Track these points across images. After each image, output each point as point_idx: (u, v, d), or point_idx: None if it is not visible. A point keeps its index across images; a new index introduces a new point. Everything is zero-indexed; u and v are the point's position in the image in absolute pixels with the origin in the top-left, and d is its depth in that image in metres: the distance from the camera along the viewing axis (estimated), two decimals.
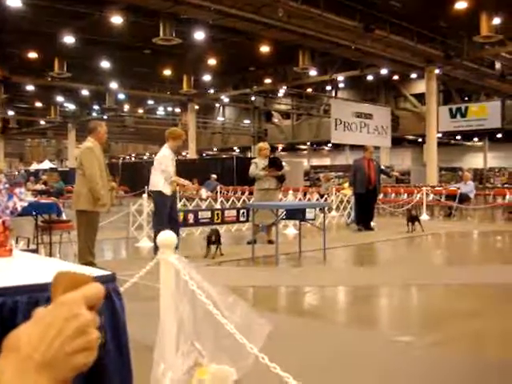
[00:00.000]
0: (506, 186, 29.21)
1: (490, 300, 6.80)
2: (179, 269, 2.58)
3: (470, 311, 6.11)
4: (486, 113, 32.74)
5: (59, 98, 43.17)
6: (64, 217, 10.24)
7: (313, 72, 32.29)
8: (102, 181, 7.85)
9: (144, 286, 4.93)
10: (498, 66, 31.12)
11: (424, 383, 3.95)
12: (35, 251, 9.04)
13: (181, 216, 11.27)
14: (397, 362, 4.41)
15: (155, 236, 9.59)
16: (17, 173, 43.88)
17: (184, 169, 26.76)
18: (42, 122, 51.12)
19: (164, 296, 2.69)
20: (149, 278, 3.41)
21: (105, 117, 47.22)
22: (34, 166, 48.69)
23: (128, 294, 3.25)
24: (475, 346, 5.08)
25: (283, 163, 12.14)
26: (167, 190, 9.44)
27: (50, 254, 9.45)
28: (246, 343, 2.35)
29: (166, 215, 9.54)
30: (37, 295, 1.84)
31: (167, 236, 2.71)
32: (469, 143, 48.75)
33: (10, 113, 48.11)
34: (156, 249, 9.23)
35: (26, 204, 2.75)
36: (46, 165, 47.48)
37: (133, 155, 65.48)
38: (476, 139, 47.00)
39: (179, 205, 15.80)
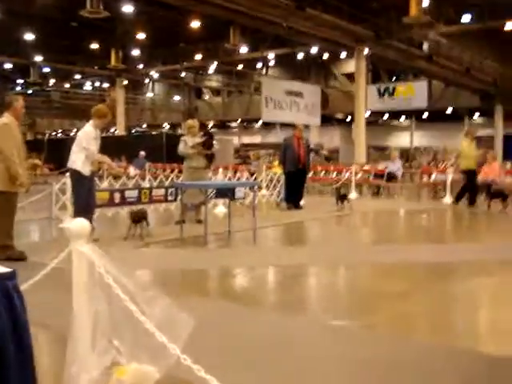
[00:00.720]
0: (431, 164, 29.81)
1: (418, 280, 6.80)
2: (93, 260, 2.35)
3: (399, 292, 6.07)
4: (413, 92, 33.38)
5: None
6: None
7: (244, 49, 32.02)
8: (19, 159, 7.41)
9: (64, 271, 4.64)
10: (425, 47, 31.53)
11: (360, 369, 3.84)
12: None
13: (105, 196, 10.94)
14: (333, 347, 4.29)
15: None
16: None
17: (112, 145, 26.19)
18: None
19: (77, 290, 2.44)
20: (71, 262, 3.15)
21: (29, 91, 45.67)
22: None
23: (47, 279, 2.99)
24: (406, 327, 5.03)
25: (214, 142, 11.91)
26: (86, 170, 9.00)
27: None
28: (166, 343, 2.15)
29: (84, 196, 9.11)
30: None
31: (79, 224, 2.45)
32: (396, 122, 49.58)
33: None
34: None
35: None
36: None
37: (59, 131, 63.68)
38: (403, 118, 47.83)
39: (105, 183, 15.39)
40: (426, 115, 43.40)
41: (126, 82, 42.17)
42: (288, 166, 14.74)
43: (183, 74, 44.50)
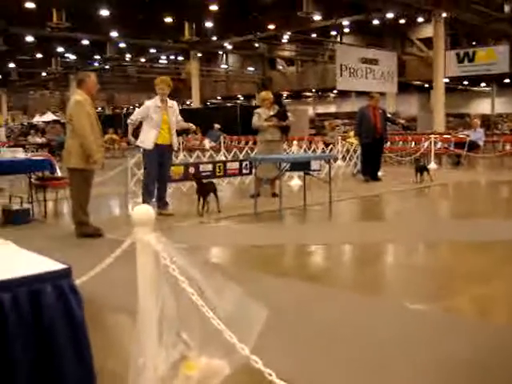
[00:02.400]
0: None
1: (504, 259, 6.41)
2: (158, 251, 2.20)
3: (483, 272, 5.71)
4: (494, 57, 31.95)
5: (60, 49, 42.33)
6: (59, 173, 9.87)
7: (317, 17, 31.41)
8: (93, 136, 7.41)
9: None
10: (507, 8, 30.15)
11: (440, 354, 3.60)
12: (28, 210, 8.75)
13: (180, 170, 10.92)
14: (410, 335, 4.05)
15: (142, 194, 9.36)
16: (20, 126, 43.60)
17: (187, 118, 26.24)
18: (44, 74, 50.35)
19: (142, 281, 2.30)
20: None
21: (106, 67, 46.45)
22: (37, 119, 47.93)
23: (125, 256, 2.85)
24: (488, 312, 4.73)
25: (288, 113, 11.68)
26: (146, 143, 9.08)
27: (45, 213, 9.13)
28: (235, 342, 1.98)
29: (151, 171, 9.19)
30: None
31: (143, 211, 2.30)
32: (476, 88, 47.89)
33: (11, 65, 47.28)
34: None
35: None
36: (49, 117, 46.72)
37: (136, 105, 64.71)
38: (483, 84, 46.14)
39: (180, 156, 15.41)
40: (507, 80, 41.69)
41: (200, 55, 42.28)
42: (364, 137, 14.35)
43: (257, 45, 44.23)
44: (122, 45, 41.13)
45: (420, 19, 34.78)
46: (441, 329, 4.15)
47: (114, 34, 37.27)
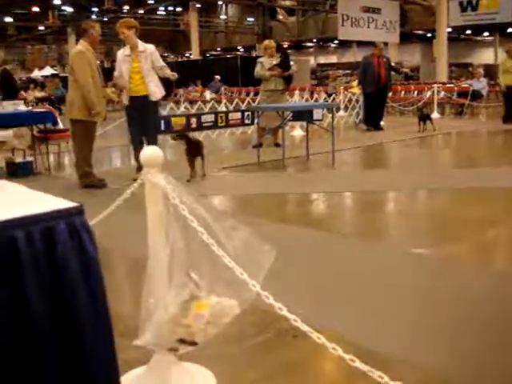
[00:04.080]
0: None
1: (506, 206, 6.42)
2: (167, 191, 2.20)
3: (486, 218, 5.73)
4: (498, 6, 31.45)
5: (56, 1, 41.66)
6: (61, 125, 9.84)
7: None
8: (95, 88, 7.34)
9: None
10: None
11: (446, 301, 3.65)
12: (31, 163, 8.76)
13: (182, 121, 10.89)
14: (413, 278, 4.08)
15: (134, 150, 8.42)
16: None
17: (187, 70, 26.09)
18: (41, 28, 49.67)
19: (151, 222, 2.32)
20: None
21: (104, 19, 45.79)
22: (36, 73, 47.51)
23: (127, 204, 2.89)
24: (488, 258, 4.76)
25: (291, 62, 11.57)
26: (125, 99, 8.13)
27: (48, 166, 9.13)
28: (246, 279, 2.00)
29: (131, 125, 8.33)
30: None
31: (151, 153, 2.30)
32: (479, 38, 47.30)
33: (8, 19, 46.62)
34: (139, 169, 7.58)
35: None
36: (48, 71, 46.28)
37: None
38: (486, 34, 45.56)
39: (182, 109, 15.33)
40: (511, 30, 41.14)
41: (198, 6, 41.63)
42: (368, 86, 14.24)
43: None
44: None
45: None
46: (442, 273, 4.19)
47: None
